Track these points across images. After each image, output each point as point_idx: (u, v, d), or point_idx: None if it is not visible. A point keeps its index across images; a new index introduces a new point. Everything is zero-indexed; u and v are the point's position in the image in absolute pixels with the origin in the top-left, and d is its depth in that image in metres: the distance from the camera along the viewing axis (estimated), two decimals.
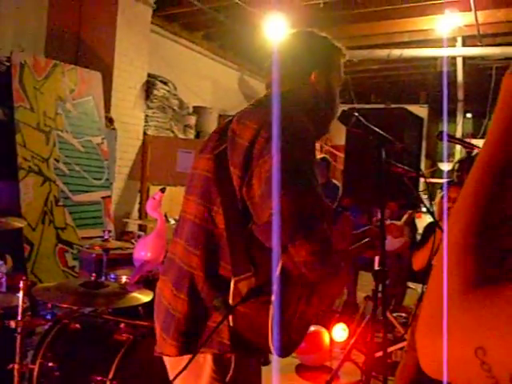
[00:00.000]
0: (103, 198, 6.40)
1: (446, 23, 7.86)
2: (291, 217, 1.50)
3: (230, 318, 1.62)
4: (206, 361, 1.68)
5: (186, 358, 1.65)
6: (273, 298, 1.57)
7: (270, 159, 1.57)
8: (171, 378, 1.78)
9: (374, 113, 4.54)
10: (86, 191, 6.18)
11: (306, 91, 1.86)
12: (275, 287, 1.57)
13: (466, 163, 4.77)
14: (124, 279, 3.47)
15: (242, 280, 1.60)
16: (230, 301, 1.61)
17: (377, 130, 1.99)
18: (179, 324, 1.71)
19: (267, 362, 1.86)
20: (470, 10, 7.26)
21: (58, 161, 5.87)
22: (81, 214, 6.08)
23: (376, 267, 2.13)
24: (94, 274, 3.06)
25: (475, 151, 3.10)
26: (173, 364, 1.75)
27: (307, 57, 1.89)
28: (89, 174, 6.22)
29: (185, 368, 1.61)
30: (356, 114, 1.95)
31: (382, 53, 9.23)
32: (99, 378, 2.76)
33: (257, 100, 1.85)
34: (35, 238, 5.49)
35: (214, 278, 1.67)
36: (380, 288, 2.18)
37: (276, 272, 1.57)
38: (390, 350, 4.15)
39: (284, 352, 1.67)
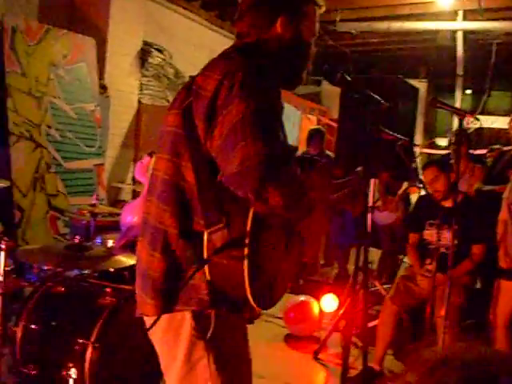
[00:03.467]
0: (96, 165, 6.35)
1: None
2: (259, 164, 1.48)
3: (207, 272, 1.60)
4: (184, 319, 1.66)
5: (165, 316, 1.63)
6: (246, 250, 1.54)
7: (232, 109, 1.54)
8: (151, 337, 1.76)
9: (368, 81, 4.49)
10: (79, 158, 6.12)
11: (272, 41, 1.79)
12: (247, 239, 1.54)
13: (462, 136, 4.72)
14: (110, 243, 3.44)
15: (214, 232, 1.57)
16: (205, 254, 1.58)
17: (362, 88, 1.94)
18: (155, 282, 1.69)
19: (252, 320, 1.83)
20: None
21: (50, 127, 5.80)
22: (73, 181, 6.03)
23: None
24: (77, 237, 3.03)
25: (467, 119, 3.06)
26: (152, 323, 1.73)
27: (272, 6, 1.80)
28: (81, 141, 6.16)
29: (154, 323, 1.60)
30: (341, 72, 1.89)
31: (382, 25, 9.11)
32: (81, 341, 2.74)
33: (223, 51, 1.80)
34: (26, 205, 5.45)
35: (187, 233, 1.64)
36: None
37: (247, 223, 1.54)
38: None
39: (264, 303, 1.65)
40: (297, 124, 10.16)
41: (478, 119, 3.30)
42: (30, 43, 5.69)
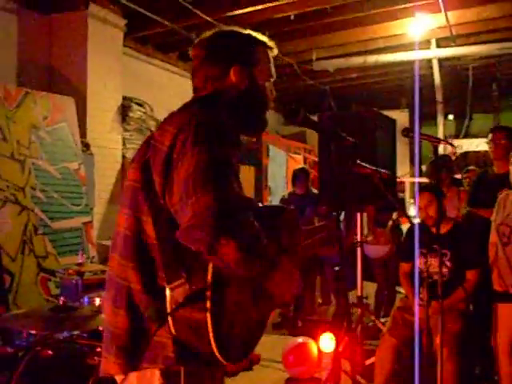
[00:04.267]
0: (84, 223, 6.33)
1: (418, 26, 7.87)
2: (209, 217, 1.45)
3: (172, 328, 1.56)
4: (153, 376, 1.60)
5: (133, 374, 1.58)
6: (208, 303, 1.51)
7: (185, 163, 1.53)
8: None
9: (346, 117, 4.53)
10: (66, 218, 6.10)
11: (228, 90, 1.81)
12: (208, 292, 1.51)
13: (440, 162, 4.74)
14: (98, 301, 3.39)
15: (176, 287, 1.54)
16: (168, 309, 1.55)
17: (325, 126, 1.95)
18: (120, 340, 1.64)
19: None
20: (440, 11, 7.28)
21: (34, 189, 5.79)
22: (62, 241, 5.99)
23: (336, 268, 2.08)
24: (61, 298, 2.99)
25: (441, 146, 3.07)
26: (122, 382, 1.68)
27: (223, 56, 1.82)
28: (67, 201, 6.15)
29: None
30: (303, 110, 1.89)
31: (358, 60, 9.24)
32: None
33: (182, 105, 1.81)
34: (16, 269, 5.40)
35: (151, 289, 1.61)
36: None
37: (208, 276, 1.51)
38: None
39: (231, 358, 1.60)
40: (283, 165, 10.23)
41: (453, 145, 3.31)
42: (9, 108, 5.73)
